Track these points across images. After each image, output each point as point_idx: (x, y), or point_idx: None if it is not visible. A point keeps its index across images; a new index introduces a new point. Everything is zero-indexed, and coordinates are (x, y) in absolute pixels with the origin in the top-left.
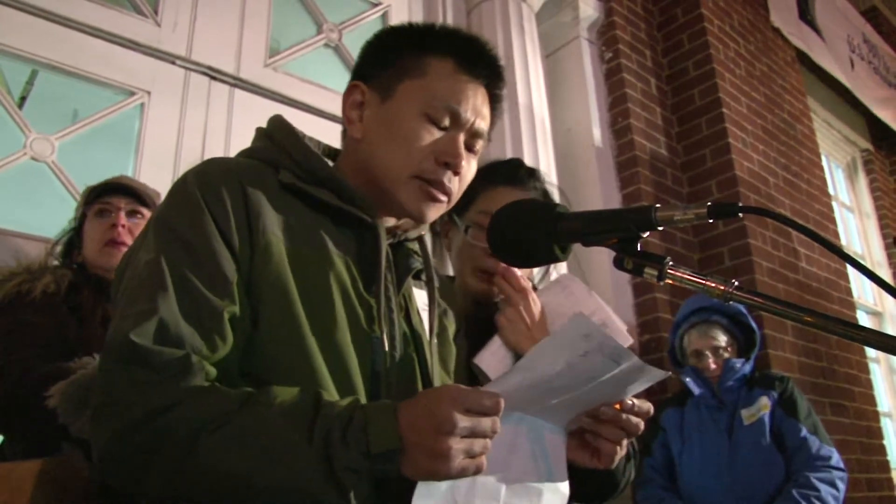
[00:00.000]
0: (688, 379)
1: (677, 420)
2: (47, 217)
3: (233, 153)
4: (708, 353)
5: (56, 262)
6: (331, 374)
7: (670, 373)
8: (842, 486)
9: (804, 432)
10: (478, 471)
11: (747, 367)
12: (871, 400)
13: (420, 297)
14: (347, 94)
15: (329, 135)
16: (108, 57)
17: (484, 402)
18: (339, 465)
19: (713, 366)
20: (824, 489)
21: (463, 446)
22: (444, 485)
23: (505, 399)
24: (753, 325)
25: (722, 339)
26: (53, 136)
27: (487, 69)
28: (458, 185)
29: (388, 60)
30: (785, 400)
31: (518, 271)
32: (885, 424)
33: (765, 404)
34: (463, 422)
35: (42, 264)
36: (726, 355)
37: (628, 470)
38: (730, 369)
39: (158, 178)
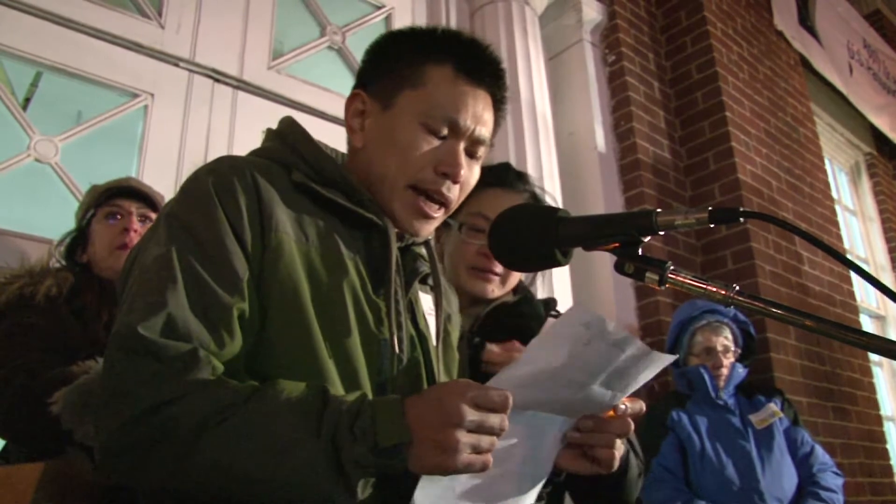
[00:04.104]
0: (705, 375)
1: (687, 421)
2: (50, 218)
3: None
4: (720, 351)
5: (58, 264)
6: (339, 375)
7: (677, 356)
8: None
9: (810, 439)
10: (484, 468)
11: (744, 374)
12: (874, 404)
13: (426, 301)
14: (349, 103)
15: (332, 137)
16: (111, 59)
17: (493, 397)
18: (347, 458)
19: (725, 363)
20: (840, 494)
21: (470, 440)
22: (445, 478)
23: (512, 395)
24: (754, 333)
25: (732, 341)
26: (57, 137)
27: (488, 74)
28: (457, 192)
29: (389, 68)
30: (787, 409)
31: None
32: (888, 428)
33: (776, 411)
34: (471, 415)
35: (44, 266)
36: (732, 358)
37: (638, 484)
38: (735, 373)
39: (161, 180)
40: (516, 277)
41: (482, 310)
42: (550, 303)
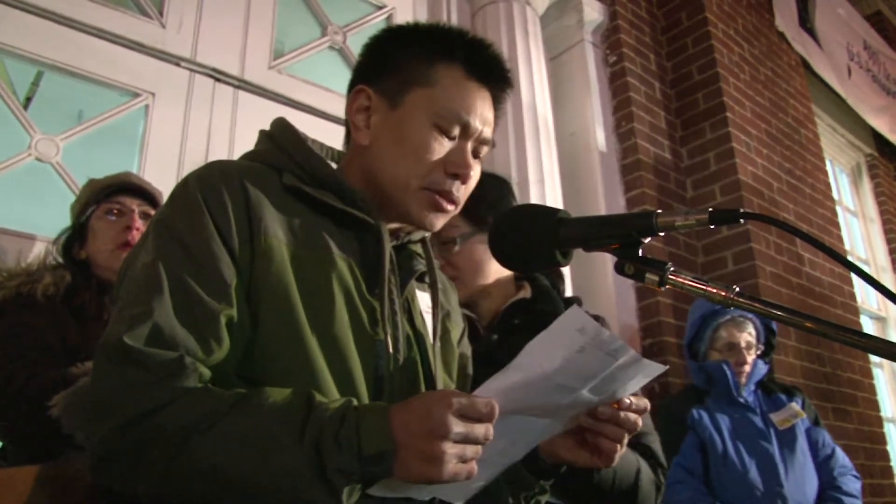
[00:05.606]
0: (727, 371)
1: (708, 421)
2: (52, 218)
3: (237, 155)
4: (743, 347)
5: (54, 262)
6: (333, 377)
7: (667, 367)
8: None
9: (831, 441)
10: (468, 476)
11: (765, 370)
12: (875, 405)
13: (423, 299)
14: (353, 99)
15: (333, 137)
16: (112, 58)
17: (479, 408)
18: (331, 465)
19: (749, 359)
20: (859, 499)
21: (456, 451)
22: None
23: (502, 399)
24: (775, 328)
25: (755, 337)
26: (58, 136)
27: (496, 75)
28: (464, 192)
29: (395, 66)
30: (808, 409)
31: None
32: (889, 430)
33: (798, 411)
34: (457, 427)
35: (41, 264)
36: (755, 354)
37: (655, 497)
38: (757, 370)
39: (162, 180)
40: (503, 273)
41: (499, 306)
42: (574, 301)
